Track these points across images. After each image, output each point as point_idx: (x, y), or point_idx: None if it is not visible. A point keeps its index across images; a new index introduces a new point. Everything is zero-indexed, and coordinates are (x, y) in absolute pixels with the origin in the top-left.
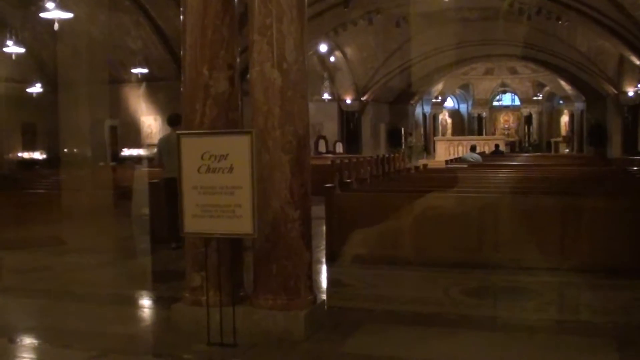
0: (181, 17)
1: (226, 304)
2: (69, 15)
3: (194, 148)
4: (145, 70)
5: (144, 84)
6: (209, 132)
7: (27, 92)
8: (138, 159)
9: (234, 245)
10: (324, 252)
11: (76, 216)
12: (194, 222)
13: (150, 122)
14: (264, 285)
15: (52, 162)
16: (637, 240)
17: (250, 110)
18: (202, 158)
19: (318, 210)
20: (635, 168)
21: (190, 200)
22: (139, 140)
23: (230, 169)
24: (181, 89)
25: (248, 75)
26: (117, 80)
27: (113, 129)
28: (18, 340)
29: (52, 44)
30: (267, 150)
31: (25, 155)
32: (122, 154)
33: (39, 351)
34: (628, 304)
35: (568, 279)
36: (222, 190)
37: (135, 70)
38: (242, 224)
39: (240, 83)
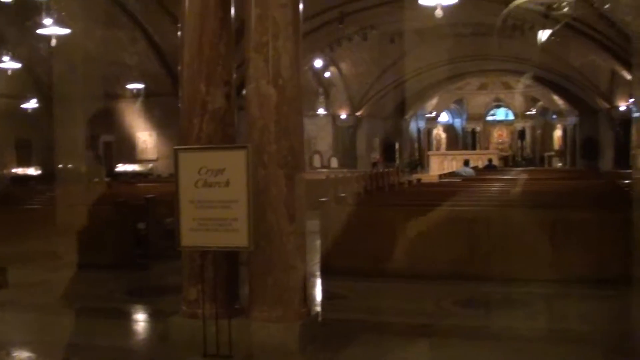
0: (179, 33)
1: (222, 316)
2: (66, 31)
3: (191, 163)
4: (141, 86)
5: (139, 100)
6: (205, 147)
7: (22, 107)
8: (133, 175)
9: (230, 258)
10: (318, 265)
11: (71, 231)
12: (190, 236)
13: (146, 138)
14: (260, 298)
15: (47, 177)
16: (623, 252)
17: (245, 125)
18: (199, 172)
19: (313, 224)
20: (626, 181)
21: (187, 214)
22: (134, 156)
23: (227, 183)
24: (179, 104)
25: (244, 91)
26: (113, 95)
27: (108, 144)
28: (16, 354)
29: (48, 59)
30: (262, 165)
31: (20, 171)
32: (117, 169)
33: None
34: (615, 313)
35: (557, 289)
36: (219, 204)
37: (131, 86)
38: (239, 237)
39: (236, 98)
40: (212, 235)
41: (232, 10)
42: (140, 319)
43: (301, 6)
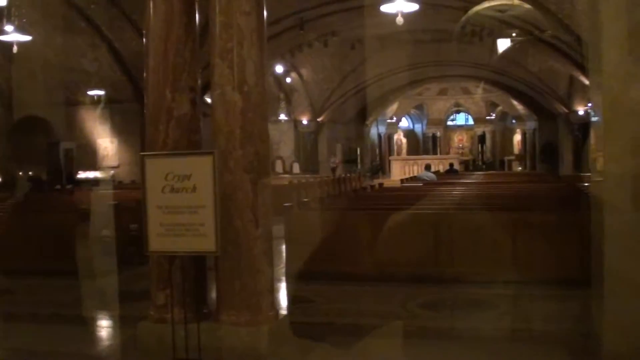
0: (144, 40)
1: (191, 320)
2: (26, 38)
3: (157, 169)
4: (101, 92)
5: (100, 106)
6: (172, 153)
7: None
8: (95, 182)
9: (197, 263)
10: (284, 269)
11: (34, 238)
12: (158, 241)
13: (107, 145)
14: (228, 302)
15: (8, 185)
16: (584, 253)
17: (209, 131)
18: (165, 178)
19: (277, 229)
20: (585, 184)
21: (155, 220)
22: (96, 163)
23: (194, 189)
24: (144, 110)
25: (207, 97)
26: (74, 102)
27: (69, 151)
28: None
29: (7, 66)
30: (229, 171)
31: None
32: (79, 176)
33: None
34: (577, 313)
35: (521, 290)
36: (186, 209)
37: (91, 92)
38: (206, 242)
39: (200, 104)
40: (180, 240)
41: (197, 16)
42: (108, 325)
43: (265, 13)
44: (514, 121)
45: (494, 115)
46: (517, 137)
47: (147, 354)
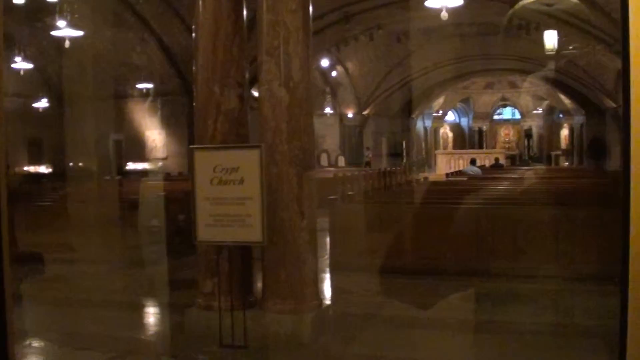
0: (193, 36)
1: (237, 308)
2: (78, 33)
3: (206, 161)
4: (150, 86)
5: (148, 99)
6: (220, 147)
7: (33, 107)
8: (143, 173)
9: (244, 253)
10: (327, 261)
11: (85, 228)
12: (206, 231)
13: (155, 137)
14: (273, 291)
15: (58, 176)
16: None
17: (257, 124)
18: (214, 171)
19: (322, 222)
20: None
21: (203, 211)
22: (144, 154)
23: (241, 181)
24: (193, 104)
25: (254, 91)
26: (123, 95)
27: (118, 143)
28: (39, 344)
29: (58, 59)
30: (275, 164)
31: (32, 169)
32: (127, 167)
33: (61, 353)
34: (618, 309)
35: (562, 285)
36: (233, 200)
37: (140, 85)
38: (252, 233)
39: (248, 99)
40: (227, 230)
41: (245, 13)
42: (157, 312)
43: (310, 10)
44: (561, 115)
45: (541, 109)
46: (565, 132)
47: (194, 339)
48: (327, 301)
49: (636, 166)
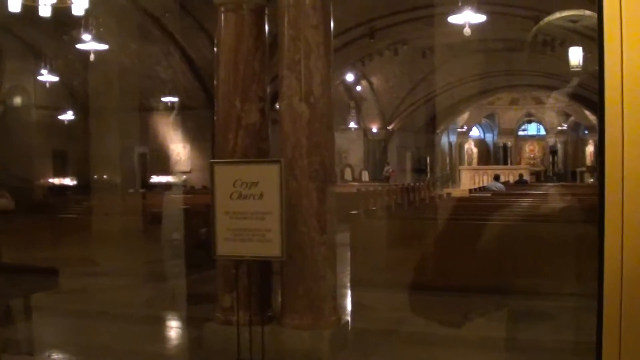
0: (215, 50)
1: (255, 323)
2: (103, 46)
3: (226, 175)
4: (174, 99)
5: (173, 113)
6: (240, 161)
7: (58, 119)
8: (167, 186)
9: (263, 267)
10: (348, 276)
11: (108, 240)
12: (225, 246)
13: (180, 150)
14: (291, 306)
15: (83, 188)
16: None
17: (277, 137)
18: (234, 185)
19: (343, 236)
20: None
21: (223, 225)
22: (168, 168)
23: (261, 196)
24: (214, 118)
25: (277, 104)
26: (147, 108)
27: (142, 155)
28: (57, 356)
29: (84, 72)
30: (295, 179)
31: (56, 181)
32: (151, 180)
33: None
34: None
35: (583, 303)
36: (253, 215)
37: (165, 99)
38: (272, 248)
39: (269, 113)
40: (246, 245)
41: (267, 28)
42: (176, 326)
43: (332, 25)
44: (586, 132)
45: (566, 125)
46: (590, 148)
47: (212, 354)
48: (347, 317)
49: (610, 169)
